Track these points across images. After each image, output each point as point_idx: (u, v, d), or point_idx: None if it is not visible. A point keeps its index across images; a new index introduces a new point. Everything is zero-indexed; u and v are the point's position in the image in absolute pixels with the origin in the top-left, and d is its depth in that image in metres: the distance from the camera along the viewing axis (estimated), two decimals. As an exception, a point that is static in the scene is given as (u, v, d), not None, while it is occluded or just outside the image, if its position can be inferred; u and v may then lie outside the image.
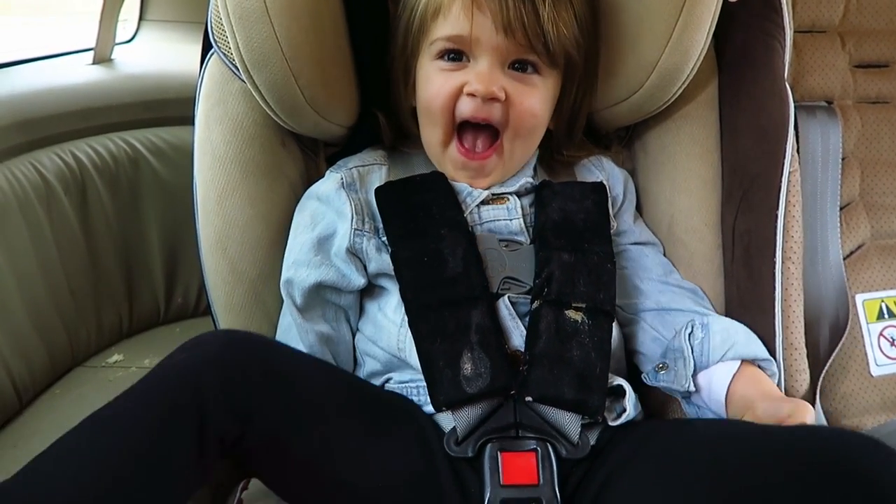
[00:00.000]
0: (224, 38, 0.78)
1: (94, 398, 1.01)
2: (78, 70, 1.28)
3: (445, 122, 0.78)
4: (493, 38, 0.75)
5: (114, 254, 1.19)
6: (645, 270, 0.84)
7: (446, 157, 0.81)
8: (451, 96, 0.77)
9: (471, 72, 0.76)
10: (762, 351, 0.75)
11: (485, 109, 0.76)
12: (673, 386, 0.75)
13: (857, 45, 0.96)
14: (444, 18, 0.76)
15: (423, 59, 0.80)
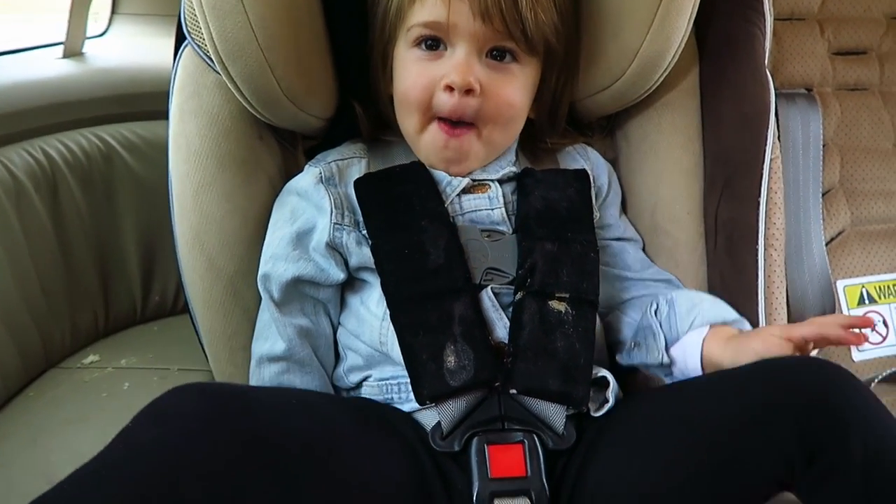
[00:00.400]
0: (197, 29, 0.77)
1: (69, 400, 1.01)
2: (47, 64, 1.25)
3: (422, 113, 0.77)
4: (470, 25, 0.74)
5: (88, 252, 1.16)
6: (626, 268, 0.84)
7: (423, 140, 0.79)
8: (428, 89, 0.76)
9: (447, 62, 0.75)
10: (730, 313, 0.75)
11: (462, 104, 0.75)
12: (647, 361, 0.76)
13: (835, 33, 0.96)
14: (420, 4, 0.75)
15: (400, 45, 0.79)
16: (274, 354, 0.77)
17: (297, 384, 0.77)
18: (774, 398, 0.59)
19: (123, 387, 1.03)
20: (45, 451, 0.90)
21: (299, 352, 0.78)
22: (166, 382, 1.04)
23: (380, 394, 0.75)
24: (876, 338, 0.88)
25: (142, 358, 1.11)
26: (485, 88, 0.75)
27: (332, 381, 0.81)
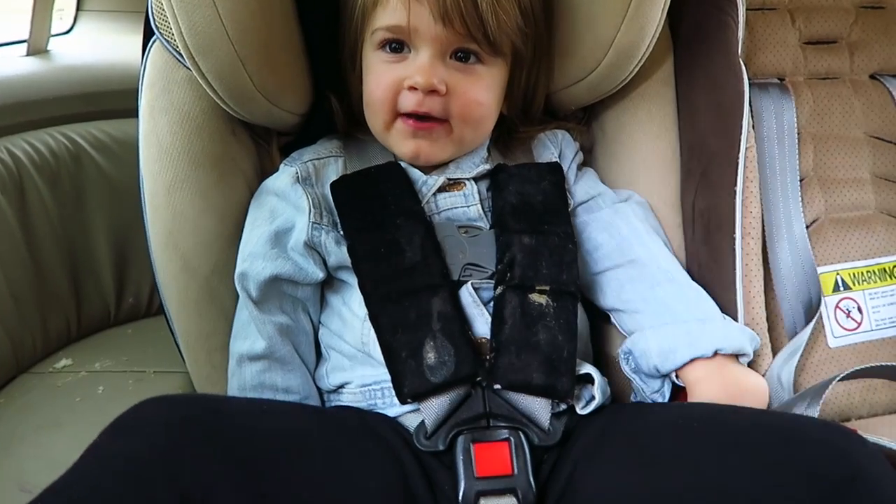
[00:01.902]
0: (166, 24, 0.75)
1: (41, 405, 0.99)
2: (10, 62, 1.23)
3: (386, 113, 0.77)
4: (431, 28, 0.74)
5: (57, 254, 1.14)
6: (592, 246, 0.84)
7: (392, 136, 0.79)
8: (392, 89, 0.76)
9: (411, 64, 0.75)
10: (708, 344, 0.73)
11: (426, 103, 0.75)
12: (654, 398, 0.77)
13: (806, 22, 0.97)
14: (382, 8, 0.75)
15: (367, 47, 0.79)
16: (254, 353, 0.76)
17: (279, 382, 0.76)
18: (796, 474, 0.56)
19: (98, 391, 1.02)
20: (18, 459, 0.88)
21: (280, 349, 0.77)
22: (142, 385, 1.02)
23: (363, 400, 0.75)
24: (851, 324, 0.90)
25: (116, 361, 1.09)
26: (451, 89, 0.75)
27: (313, 380, 0.80)
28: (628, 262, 0.82)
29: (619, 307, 0.82)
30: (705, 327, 0.75)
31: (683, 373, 0.74)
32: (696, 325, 0.76)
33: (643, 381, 0.76)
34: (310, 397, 0.78)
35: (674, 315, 0.77)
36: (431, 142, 0.78)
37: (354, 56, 0.82)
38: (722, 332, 0.75)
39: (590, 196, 0.87)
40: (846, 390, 0.88)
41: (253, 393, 0.76)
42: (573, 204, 0.86)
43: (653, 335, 0.76)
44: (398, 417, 0.72)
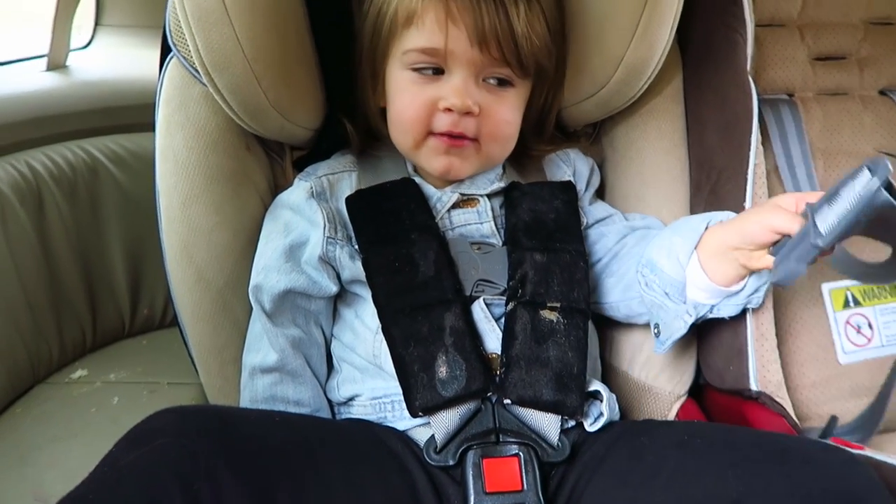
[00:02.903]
0: (183, 41, 0.77)
1: (57, 416, 1.00)
2: (31, 77, 1.25)
3: (418, 132, 0.78)
4: (467, 52, 0.74)
5: (74, 266, 1.16)
6: (605, 253, 0.84)
7: (422, 153, 0.79)
8: (425, 109, 0.76)
9: (445, 85, 0.75)
10: (699, 224, 0.74)
11: (461, 124, 0.76)
12: (679, 335, 0.76)
13: (815, 38, 0.97)
14: (417, 29, 0.75)
15: (394, 65, 0.79)
16: (266, 365, 0.77)
17: (290, 395, 0.77)
18: (790, 493, 0.56)
19: (112, 401, 1.03)
20: (34, 469, 0.89)
21: (291, 362, 0.77)
22: (156, 396, 1.03)
23: (373, 413, 0.75)
24: (861, 340, 0.89)
25: (131, 372, 1.10)
26: (483, 110, 0.76)
27: (324, 392, 0.81)
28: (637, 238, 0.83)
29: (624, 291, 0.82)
30: (687, 219, 0.78)
31: (697, 257, 0.73)
32: (679, 223, 0.78)
33: (665, 297, 0.75)
34: (320, 410, 0.79)
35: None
36: (462, 158, 0.79)
37: (376, 73, 0.81)
38: (703, 215, 0.76)
39: (608, 214, 0.88)
40: (857, 406, 0.88)
41: (264, 405, 0.77)
42: (589, 222, 0.86)
43: (651, 248, 0.77)
44: (407, 431, 0.73)
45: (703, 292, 0.74)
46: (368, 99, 0.84)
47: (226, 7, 0.70)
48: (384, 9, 0.77)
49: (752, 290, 0.74)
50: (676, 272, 0.74)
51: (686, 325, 0.75)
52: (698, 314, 0.75)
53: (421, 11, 0.74)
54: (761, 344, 0.82)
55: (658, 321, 0.77)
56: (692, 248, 0.73)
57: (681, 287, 0.74)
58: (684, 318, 0.75)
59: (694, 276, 0.73)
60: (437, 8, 0.73)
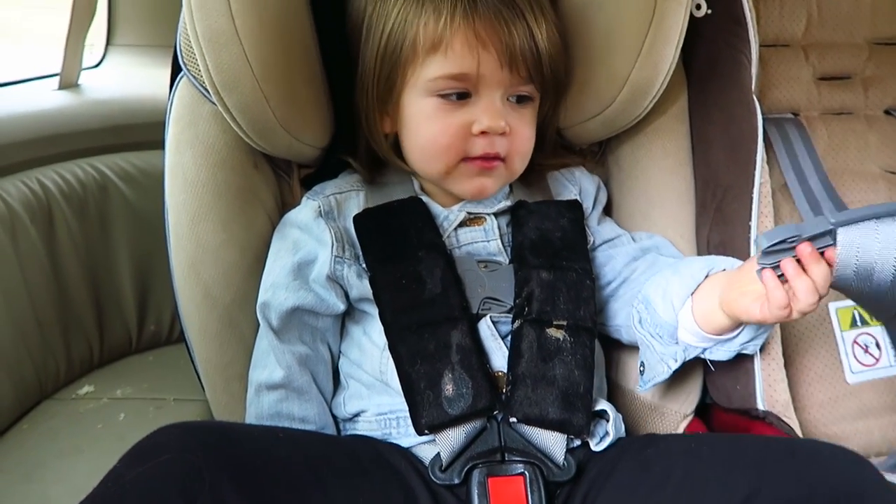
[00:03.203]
0: (193, 61, 0.78)
1: (63, 432, 1.00)
2: (43, 96, 1.26)
3: (451, 158, 0.77)
4: (496, 74, 0.75)
5: (83, 282, 1.16)
6: (614, 276, 0.83)
7: (452, 177, 0.79)
8: (459, 135, 0.76)
9: (475, 109, 0.76)
10: (699, 272, 0.74)
11: (496, 145, 0.77)
12: (660, 378, 0.75)
13: (819, 58, 0.98)
14: (444, 55, 0.74)
15: (412, 93, 0.77)
16: (272, 382, 0.77)
17: (296, 412, 0.77)
18: (793, 491, 0.58)
19: (119, 418, 1.03)
20: (41, 485, 0.89)
21: (298, 379, 0.78)
22: (162, 413, 1.03)
23: (378, 429, 0.75)
24: (869, 359, 0.89)
25: (137, 388, 1.11)
26: (511, 127, 0.77)
27: (330, 409, 0.81)
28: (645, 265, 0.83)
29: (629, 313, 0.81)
30: (691, 261, 0.77)
31: (691, 303, 0.73)
32: (682, 263, 0.77)
33: (654, 337, 0.75)
34: (326, 427, 0.79)
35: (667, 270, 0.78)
36: (493, 178, 0.80)
37: (385, 102, 0.80)
38: (707, 261, 0.75)
39: (616, 234, 0.88)
40: (866, 427, 0.87)
41: (270, 421, 0.77)
42: (596, 242, 0.86)
43: (649, 285, 0.77)
44: (412, 448, 0.73)
45: (694, 337, 0.74)
46: (375, 128, 0.82)
47: (236, 28, 0.71)
48: (395, 37, 0.76)
49: (746, 338, 0.74)
50: (669, 315, 0.74)
51: (670, 370, 0.75)
52: (686, 357, 0.75)
53: (449, 37, 0.73)
54: (768, 363, 0.82)
55: (644, 359, 0.78)
56: (688, 294, 0.73)
57: (672, 330, 0.75)
58: (669, 364, 0.75)
59: (685, 321, 0.74)
60: (466, 32, 0.73)
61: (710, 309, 0.71)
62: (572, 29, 0.85)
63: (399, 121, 0.80)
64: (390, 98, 0.79)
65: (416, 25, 0.74)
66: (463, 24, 0.73)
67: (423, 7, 0.74)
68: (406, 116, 0.79)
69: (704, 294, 0.72)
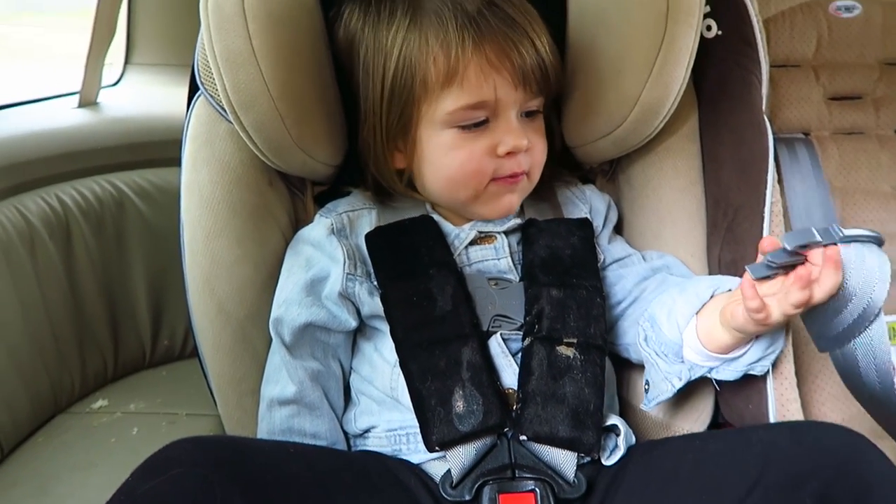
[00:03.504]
0: (211, 80, 0.79)
1: (77, 445, 1.01)
2: (63, 113, 1.29)
3: (480, 183, 0.78)
4: (511, 94, 0.75)
5: (98, 297, 1.18)
6: (624, 296, 0.84)
7: (481, 200, 0.80)
8: (486, 160, 0.77)
9: (496, 131, 0.76)
10: (705, 291, 0.74)
11: (521, 163, 0.78)
12: (664, 396, 0.75)
13: (830, 79, 0.98)
14: (459, 87, 0.73)
15: (429, 128, 0.77)
16: (284, 398, 0.78)
17: (307, 428, 0.78)
18: (800, 467, 0.60)
19: (132, 432, 1.04)
20: (55, 498, 0.90)
21: (309, 395, 0.78)
22: (174, 428, 1.04)
23: (388, 445, 0.76)
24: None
25: (150, 403, 1.11)
26: (529, 143, 0.78)
27: (341, 424, 0.81)
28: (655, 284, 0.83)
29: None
30: (697, 281, 0.78)
31: (696, 322, 0.74)
32: (689, 282, 0.78)
33: (659, 355, 0.76)
34: (337, 443, 0.79)
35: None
36: (518, 193, 0.81)
37: (395, 136, 0.79)
38: (713, 280, 0.76)
39: (627, 254, 0.88)
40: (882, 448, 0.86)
41: (281, 437, 0.77)
42: (607, 260, 0.86)
43: (656, 303, 0.77)
44: (422, 464, 0.73)
45: (699, 356, 0.74)
46: (385, 165, 0.81)
47: (253, 48, 0.72)
48: (402, 76, 0.75)
49: (753, 358, 0.74)
50: (673, 334, 0.74)
51: (674, 388, 0.75)
52: (692, 377, 0.75)
53: (462, 69, 0.73)
54: (780, 383, 0.81)
55: (648, 377, 0.78)
56: (692, 313, 0.73)
57: (677, 348, 0.75)
58: (672, 382, 0.75)
59: (690, 340, 0.74)
60: (479, 61, 0.73)
61: (712, 326, 0.72)
62: (582, 49, 0.86)
63: (416, 155, 0.79)
64: (404, 135, 0.78)
65: (425, 62, 0.73)
66: (474, 54, 0.73)
67: (427, 42, 0.73)
68: (424, 151, 0.78)
69: (709, 313, 0.73)
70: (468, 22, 0.73)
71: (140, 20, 1.48)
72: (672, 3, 0.77)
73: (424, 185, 0.81)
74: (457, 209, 0.83)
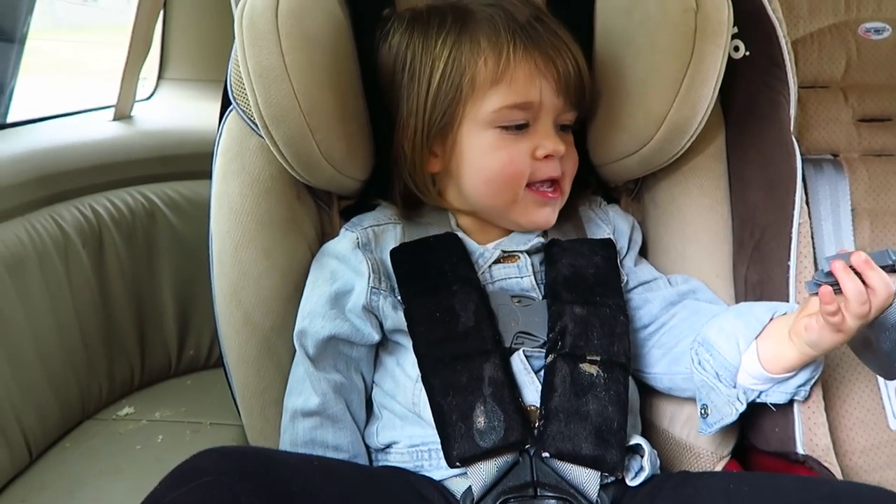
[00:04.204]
0: (243, 95, 0.81)
1: (104, 452, 1.03)
2: (99, 126, 1.32)
3: (518, 186, 0.80)
4: (553, 101, 0.79)
5: (128, 306, 1.20)
6: (651, 320, 0.83)
7: (517, 208, 0.82)
8: (525, 162, 0.79)
9: (535, 136, 0.79)
10: (763, 314, 0.74)
11: (558, 168, 0.80)
12: (728, 421, 0.74)
13: (859, 100, 0.98)
14: (507, 87, 0.77)
15: (471, 127, 0.79)
16: (308, 409, 0.78)
17: (330, 440, 0.78)
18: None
19: (157, 440, 1.05)
20: (80, 502, 0.91)
21: (333, 407, 0.79)
22: (198, 437, 1.05)
23: (410, 461, 0.76)
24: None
25: (175, 411, 1.13)
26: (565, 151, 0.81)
27: (362, 438, 0.81)
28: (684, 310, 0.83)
29: (671, 364, 0.81)
30: (752, 306, 0.77)
31: (756, 346, 0.73)
32: (743, 307, 0.78)
33: (719, 379, 0.75)
34: (358, 456, 0.79)
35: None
36: (553, 208, 0.83)
37: (432, 137, 0.80)
38: (768, 305, 0.76)
39: (653, 277, 0.87)
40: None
41: (304, 448, 0.78)
42: (632, 283, 0.86)
43: (709, 328, 0.76)
44: (443, 481, 0.73)
45: (754, 378, 0.74)
46: (420, 170, 0.83)
47: (285, 65, 0.73)
48: (449, 78, 0.78)
49: (802, 381, 0.74)
50: (733, 357, 0.73)
51: (737, 412, 0.74)
52: (749, 399, 0.74)
53: (512, 70, 0.77)
54: (808, 406, 0.80)
55: (708, 402, 0.76)
56: (753, 337, 0.73)
57: (734, 371, 0.74)
58: (736, 406, 0.74)
59: (748, 364, 0.73)
60: (528, 64, 0.77)
61: (778, 346, 0.72)
62: (610, 67, 0.86)
63: (454, 158, 0.81)
64: (444, 136, 0.81)
65: (475, 64, 0.77)
66: (524, 57, 0.77)
67: (480, 44, 0.77)
68: (464, 151, 0.80)
69: (772, 335, 0.73)
70: (519, 29, 0.78)
71: (174, 37, 1.51)
72: (700, 23, 0.77)
73: (460, 189, 0.83)
74: (492, 217, 0.84)
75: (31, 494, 0.94)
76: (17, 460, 0.98)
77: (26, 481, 0.97)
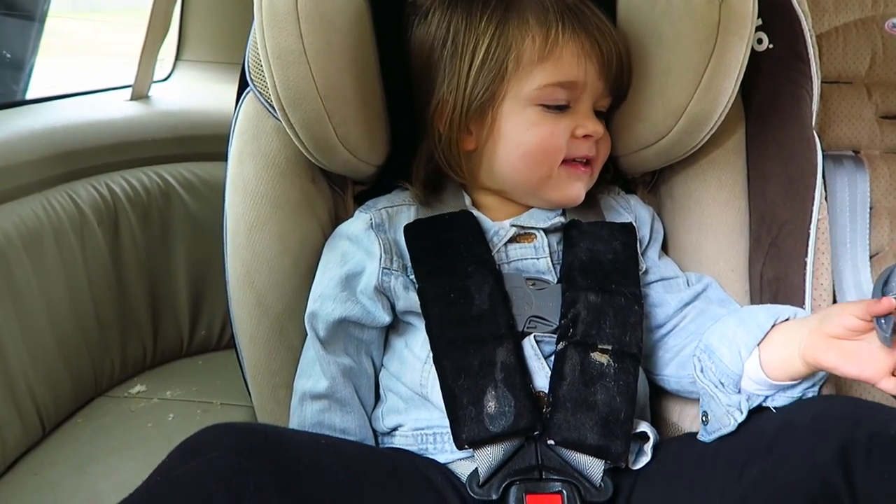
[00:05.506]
0: (261, 77, 0.81)
1: (115, 429, 1.04)
2: (116, 106, 1.32)
3: (555, 161, 0.81)
4: (595, 83, 0.81)
5: (141, 285, 1.21)
6: (665, 320, 0.82)
7: (553, 181, 0.82)
8: (563, 139, 0.80)
9: (576, 115, 0.80)
10: (765, 321, 0.72)
11: (594, 148, 0.82)
12: (726, 430, 0.72)
13: (883, 97, 0.96)
14: (554, 65, 0.78)
15: (513, 104, 0.80)
16: (316, 392, 0.79)
17: (337, 423, 0.78)
18: (822, 424, 0.61)
19: (168, 418, 1.06)
20: (92, 479, 0.92)
21: (341, 390, 0.79)
22: (209, 416, 1.06)
23: (414, 444, 0.76)
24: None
25: (186, 390, 1.14)
26: None
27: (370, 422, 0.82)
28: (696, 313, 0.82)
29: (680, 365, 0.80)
30: (752, 311, 0.77)
31: (758, 352, 0.72)
32: (744, 313, 0.77)
33: (718, 387, 0.74)
34: (365, 440, 0.80)
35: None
36: (584, 183, 0.83)
37: (470, 112, 0.80)
38: (769, 310, 0.75)
39: (675, 275, 0.86)
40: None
41: (311, 430, 0.78)
42: (653, 276, 0.85)
43: (710, 334, 0.76)
44: (448, 464, 0.73)
45: (758, 385, 0.72)
46: (455, 147, 0.82)
47: (304, 48, 0.73)
48: (495, 54, 0.78)
49: (809, 384, 0.72)
50: (735, 364, 0.72)
51: (735, 422, 0.72)
52: (750, 406, 0.72)
53: (560, 48, 0.78)
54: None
55: (708, 410, 0.75)
56: (755, 344, 0.72)
57: (736, 379, 0.73)
58: (735, 416, 0.72)
59: (751, 370, 0.72)
60: (574, 44, 0.79)
61: (786, 358, 0.70)
62: (631, 57, 0.85)
63: (491, 135, 0.81)
64: (483, 113, 0.81)
65: (522, 41, 0.78)
66: (572, 38, 0.79)
67: (528, 23, 0.78)
68: (503, 128, 0.81)
69: (775, 343, 0.71)
70: (567, 10, 0.80)
71: (192, 19, 1.51)
72: (724, 15, 0.76)
73: (493, 166, 0.83)
74: (519, 194, 0.84)
75: (42, 469, 0.95)
76: (29, 434, 0.99)
77: (38, 455, 0.98)
